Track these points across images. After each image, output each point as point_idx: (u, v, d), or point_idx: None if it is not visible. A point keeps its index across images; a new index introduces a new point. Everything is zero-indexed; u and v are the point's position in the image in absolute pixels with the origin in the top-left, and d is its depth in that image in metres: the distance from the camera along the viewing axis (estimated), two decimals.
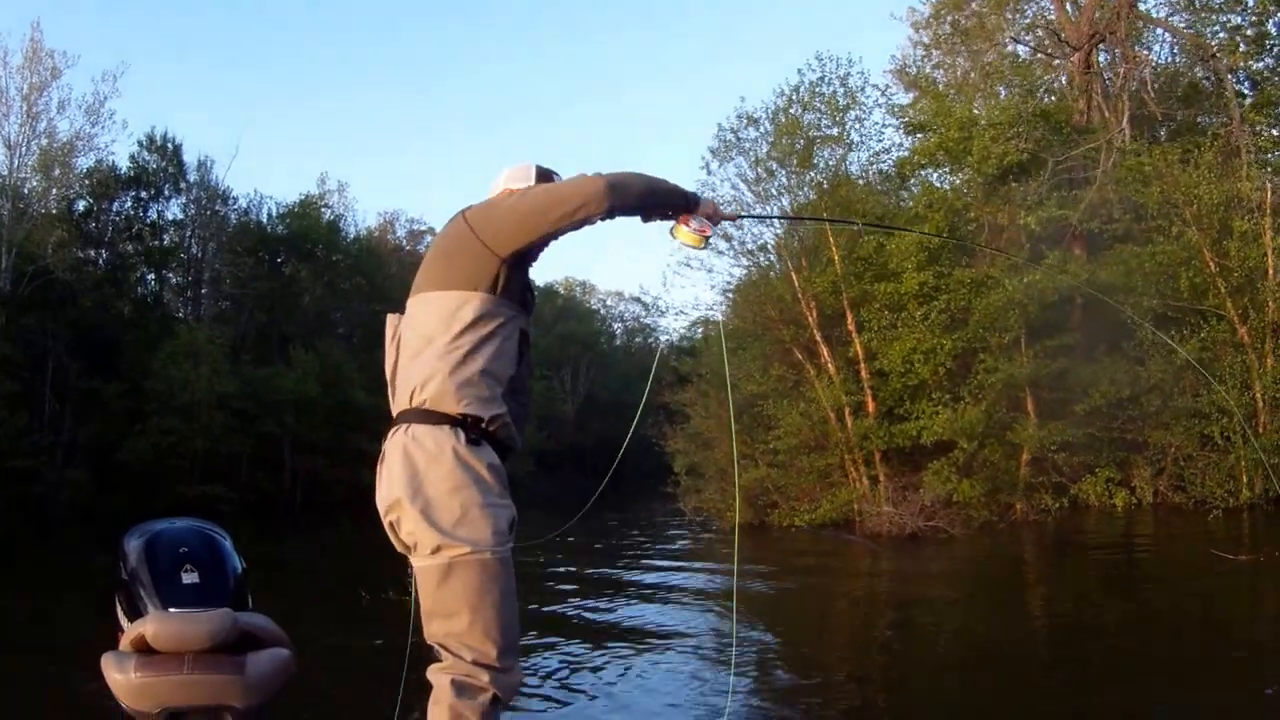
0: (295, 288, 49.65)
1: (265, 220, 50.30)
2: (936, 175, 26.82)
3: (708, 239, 3.96)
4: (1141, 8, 26.18)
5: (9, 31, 58.56)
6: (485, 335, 3.53)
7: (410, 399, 3.53)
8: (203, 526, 3.80)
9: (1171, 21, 26.37)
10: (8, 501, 31.25)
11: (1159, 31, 27.16)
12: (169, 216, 46.30)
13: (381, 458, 3.59)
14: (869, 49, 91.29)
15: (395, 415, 3.62)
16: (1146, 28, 26.80)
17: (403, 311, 3.78)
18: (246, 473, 40.34)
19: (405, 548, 3.52)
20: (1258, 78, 25.79)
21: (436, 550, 3.38)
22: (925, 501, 21.24)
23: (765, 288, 26.14)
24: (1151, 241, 21.76)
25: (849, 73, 26.23)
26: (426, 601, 3.45)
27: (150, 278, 46.77)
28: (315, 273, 50.28)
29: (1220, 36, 25.29)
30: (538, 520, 3.50)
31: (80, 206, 42.48)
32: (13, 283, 36.39)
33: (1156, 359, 21.37)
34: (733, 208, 26.09)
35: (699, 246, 3.97)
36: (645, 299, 75.09)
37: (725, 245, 26.79)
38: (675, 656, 9.31)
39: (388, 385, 3.77)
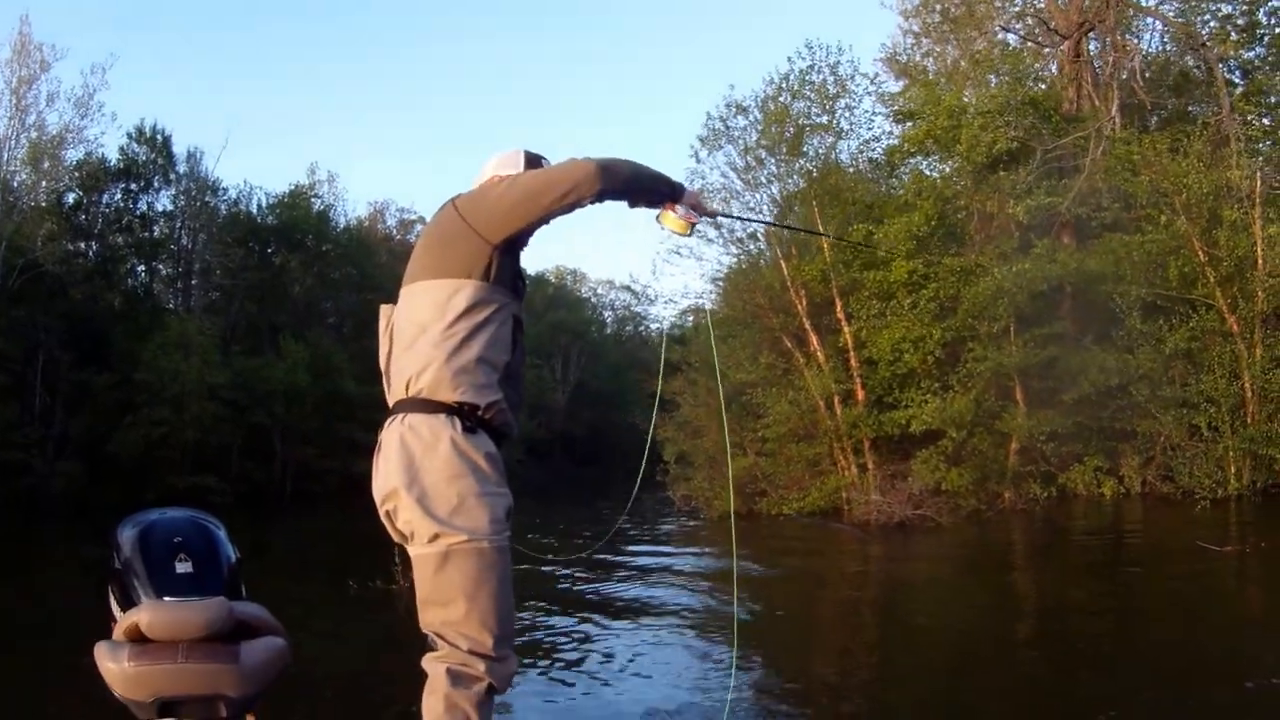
0: (285, 278, 49.50)
1: (255, 211, 50.20)
2: (926, 163, 26.87)
3: (694, 226, 3.98)
4: None
5: None
6: (480, 322, 3.52)
7: (406, 388, 3.53)
8: (197, 516, 3.78)
9: (1162, 10, 26.40)
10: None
11: (1149, 20, 27.20)
12: (159, 208, 46.28)
13: (378, 447, 3.59)
14: (861, 38, 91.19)
15: (391, 405, 3.61)
16: (1137, 16, 26.80)
17: (395, 301, 3.77)
18: (237, 463, 40.33)
19: (402, 537, 3.52)
20: (1248, 67, 25.80)
21: (434, 539, 3.38)
22: (913, 490, 21.32)
23: (755, 276, 26.16)
24: (1141, 230, 21.74)
25: (839, 61, 26.36)
26: (423, 589, 3.45)
27: (140, 269, 46.70)
28: (305, 263, 50.10)
29: (1211, 25, 25.30)
30: (529, 509, 3.53)
31: (70, 199, 42.38)
32: (2, 276, 36.31)
33: (1145, 348, 21.40)
34: (721, 195, 26.22)
35: (685, 233, 3.97)
36: (635, 287, 74.94)
37: (715, 234, 26.85)
38: (672, 642, 9.34)
39: (383, 376, 3.76)
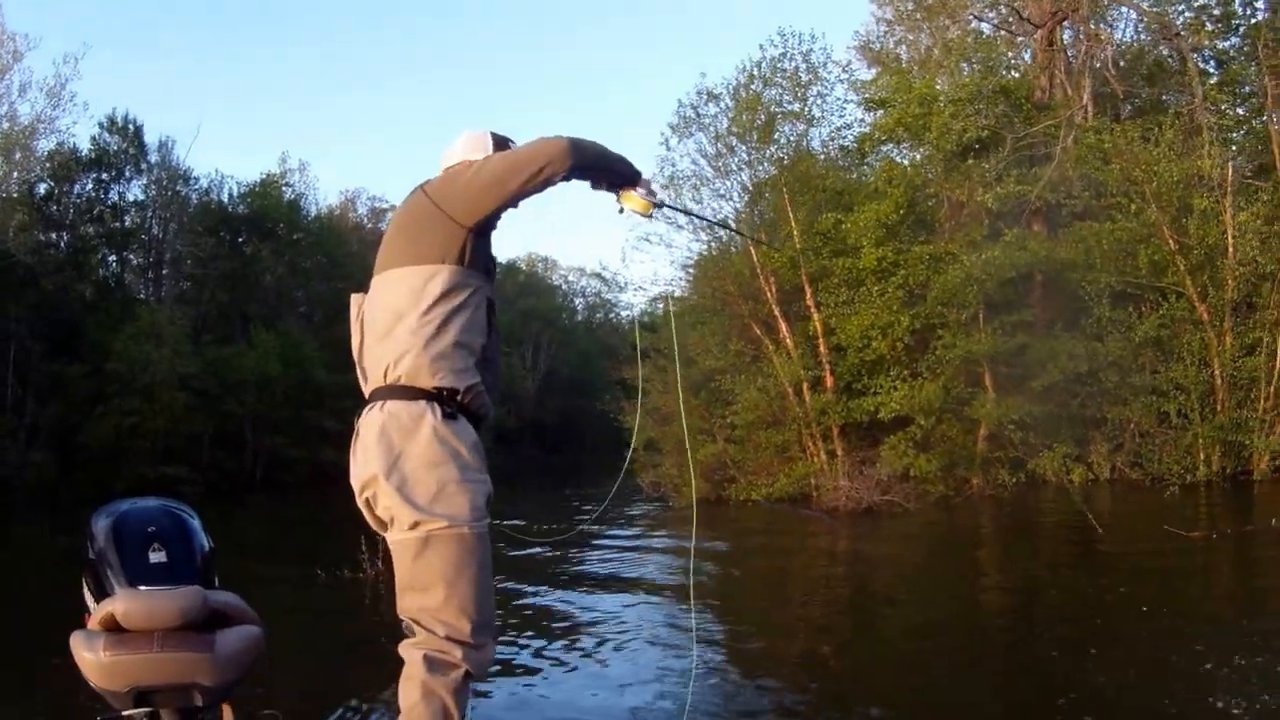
0: (256, 267, 49.18)
1: (226, 200, 49.86)
2: (897, 151, 26.93)
3: (654, 208, 4.01)
4: None
5: None
6: (456, 307, 3.53)
7: (385, 376, 3.53)
8: (171, 505, 3.79)
9: (1136, 0, 26.45)
10: None
11: (1124, 9, 27.27)
12: (130, 198, 45.83)
13: (355, 436, 3.59)
14: (836, 25, 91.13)
15: (368, 394, 3.62)
16: (1111, 6, 26.88)
17: (366, 290, 3.77)
18: (208, 453, 40.19)
19: (380, 524, 3.53)
20: (1223, 57, 25.90)
21: (414, 525, 3.38)
22: (882, 476, 21.34)
23: (724, 263, 26.16)
24: (1111, 219, 21.87)
25: (811, 49, 26.27)
26: (402, 575, 3.46)
27: (112, 259, 46.33)
28: (276, 251, 49.80)
29: (1186, 16, 25.38)
30: (499, 496, 3.52)
31: (41, 189, 41.97)
32: None
33: (1115, 335, 21.53)
34: (691, 183, 26.20)
35: (647, 214, 4.00)
36: (605, 274, 74.80)
37: (685, 220, 26.79)
38: (636, 632, 9.34)
39: (356, 365, 3.76)
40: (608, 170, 3.88)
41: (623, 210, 4.01)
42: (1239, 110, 25.57)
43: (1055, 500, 20.61)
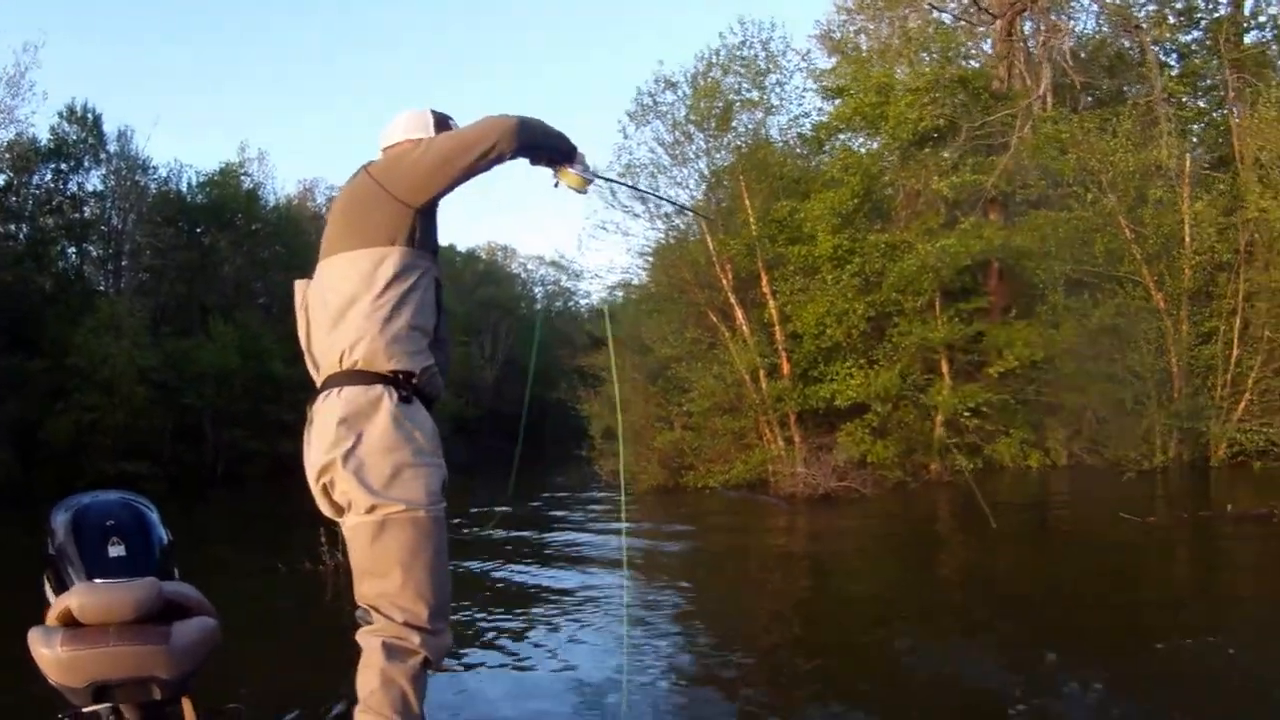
0: (215, 257, 48.76)
1: (185, 190, 49.40)
2: (854, 139, 26.99)
3: (588, 182, 4.06)
4: None
5: None
6: (408, 289, 3.55)
7: (340, 362, 3.53)
8: (129, 499, 3.80)
9: None
10: None
11: (1086, 1, 27.46)
12: (89, 188, 45.26)
13: (309, 423, 3.60)
14: (796, 14, 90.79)
15: (321, 381, 3.62)
16: None
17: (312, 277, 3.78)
18: (169, 446, 39.86)
19: (337, 509, 3.53)
20: (1184, 50, 26.10)
21: (371, 509, 3.40)
22: (838, 462, 21.38)
23: (681, 251, 26.17)
24: (1068, 207, 22.03)
25: (771, 37, 26.27)
26: (359, 560, 3.48)
27: (71, 251, 45.87)
28: (235, 242, 49.36)
29: (1149, 10, 25.56)
30: (456, 484, 3.55)
31: (0, 181, 41.60)
32: None
33: (1070, 323, 21.69)
34: (649, 170, 26.18)
35: (583, 190, 4.05)
36: (562, 262, 74.69)
37: (642, 208, 26.78)
38: (576, 619, 9.34)
39: (304, 353, 3.77)
40: (548, 147, 3.90)
41: (558, 185, 4.06)
42: (1199, 103, 25.81)
43: (1013, 486, 20.80)
